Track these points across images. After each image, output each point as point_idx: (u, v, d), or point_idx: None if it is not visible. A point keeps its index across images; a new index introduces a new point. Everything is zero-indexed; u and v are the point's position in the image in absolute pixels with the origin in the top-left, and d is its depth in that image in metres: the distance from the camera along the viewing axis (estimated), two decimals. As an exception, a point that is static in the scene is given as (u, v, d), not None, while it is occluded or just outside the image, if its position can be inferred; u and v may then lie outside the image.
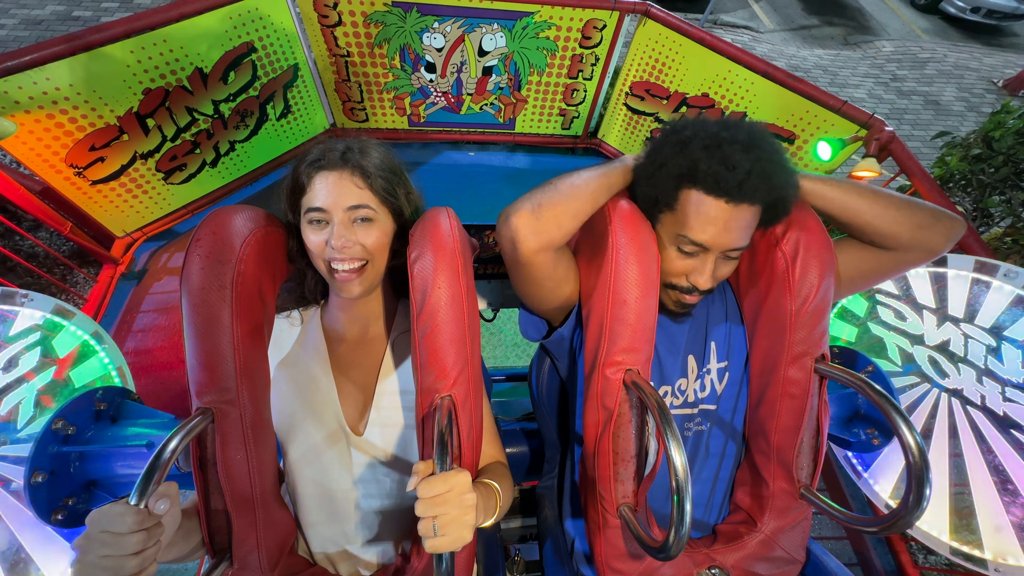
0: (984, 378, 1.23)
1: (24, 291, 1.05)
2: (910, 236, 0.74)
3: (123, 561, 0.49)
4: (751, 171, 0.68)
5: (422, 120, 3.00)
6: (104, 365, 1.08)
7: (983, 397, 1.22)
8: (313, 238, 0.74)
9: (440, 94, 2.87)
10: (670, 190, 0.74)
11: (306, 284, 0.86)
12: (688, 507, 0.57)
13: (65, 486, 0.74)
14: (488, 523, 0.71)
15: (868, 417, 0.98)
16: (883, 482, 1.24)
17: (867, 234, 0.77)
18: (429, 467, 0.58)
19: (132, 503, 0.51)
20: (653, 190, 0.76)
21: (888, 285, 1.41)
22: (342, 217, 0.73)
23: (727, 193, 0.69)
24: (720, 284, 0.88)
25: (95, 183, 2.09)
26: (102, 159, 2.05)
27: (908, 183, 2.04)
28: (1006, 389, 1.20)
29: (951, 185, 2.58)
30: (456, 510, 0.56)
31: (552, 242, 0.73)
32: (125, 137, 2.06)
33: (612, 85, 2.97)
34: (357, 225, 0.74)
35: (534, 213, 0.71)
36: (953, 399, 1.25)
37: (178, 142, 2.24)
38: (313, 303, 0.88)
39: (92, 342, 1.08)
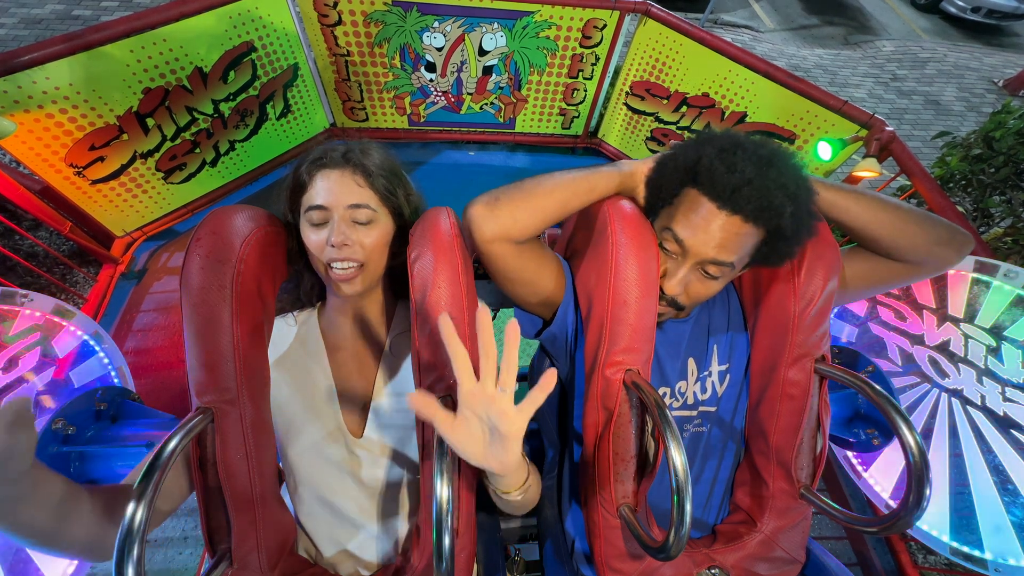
0: (984, 378, 1.22)
1: (24, 291, 1.05)
2: (928, 251, 0.75)
3: None
4: (751, 181, 0.65)
5: (422, 120, 3.00)
6: (104, 365, 1.08)
7: (983, 397, 1.22)
8: (313, 237, 0.73)
9: (440, 94, 2.86)
10: (674, 184, 0.74)
11: (303, 286, 0.86)
12: (688, 507, 0.57)
13: (65, 486, 0.74)
14: (519, 497, 0.68)
15: (868, 417, 0.98)
16: (883, 482, 1.24)
17: (885, 247, 0.77)
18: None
19: (131, 503, 0.51)
20: (660, 181, 0.76)
21: (888, 285, 1.41)
22: (343, 214, 0.72)
23: (719, 197, 0.67)
24: (723, 287, 0.88)
25: (95, 182, 2.09)
26: (102, 158, 2.05)
27: (908, 183, 2.04)
28: (1006, 389, 1.20)
29: (951, 185, 2.58)
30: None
31: (506, 234, 0.73)
32: (125, 136, 2.06)
33: (612, 85, 2.96)
34: (357, 226, 0.74)
35: (488, 205, 0.73)
36: (953, 399, 1.24)
37: (178, 141, 2.24)
38: (308, 305, 0.88)
39: (92, 342, 1.08)
